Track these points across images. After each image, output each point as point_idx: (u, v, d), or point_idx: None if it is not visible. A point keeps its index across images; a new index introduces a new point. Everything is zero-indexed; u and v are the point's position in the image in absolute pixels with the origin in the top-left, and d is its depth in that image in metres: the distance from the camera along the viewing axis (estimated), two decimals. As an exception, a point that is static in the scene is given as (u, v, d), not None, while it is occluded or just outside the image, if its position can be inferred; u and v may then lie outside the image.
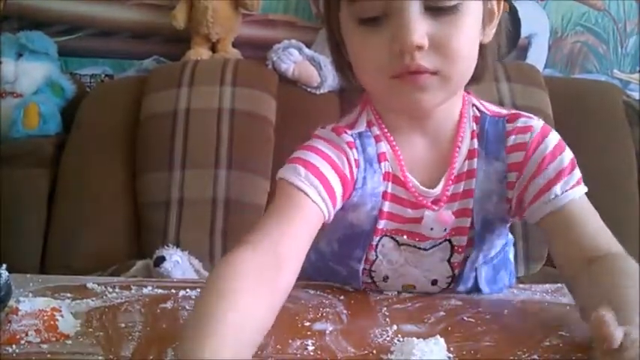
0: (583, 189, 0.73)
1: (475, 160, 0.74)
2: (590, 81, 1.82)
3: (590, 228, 0.70)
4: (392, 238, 0.76)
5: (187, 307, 0.71)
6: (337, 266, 0.81)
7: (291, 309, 0.71)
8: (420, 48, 0.63)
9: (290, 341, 0.62)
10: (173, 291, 0.76)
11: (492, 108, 0.78)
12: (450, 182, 0.73)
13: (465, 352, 0.61)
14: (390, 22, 0.64)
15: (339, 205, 0.72)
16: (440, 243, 0.76)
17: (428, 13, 0.63)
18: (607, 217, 0.71)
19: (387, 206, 0.74)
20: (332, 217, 0.72)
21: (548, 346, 0.62)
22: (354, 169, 0.72)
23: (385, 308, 0.73)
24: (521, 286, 0.83)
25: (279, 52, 1.60)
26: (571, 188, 0.72)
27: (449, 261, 0.77)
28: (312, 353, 0.59)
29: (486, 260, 0.79)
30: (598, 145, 1.55)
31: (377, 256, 0.77)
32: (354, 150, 0.73)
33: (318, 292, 0.77)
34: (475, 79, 0.71)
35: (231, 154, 1.52)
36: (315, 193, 0.69)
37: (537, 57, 1.85)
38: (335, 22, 0.71)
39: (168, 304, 0.72)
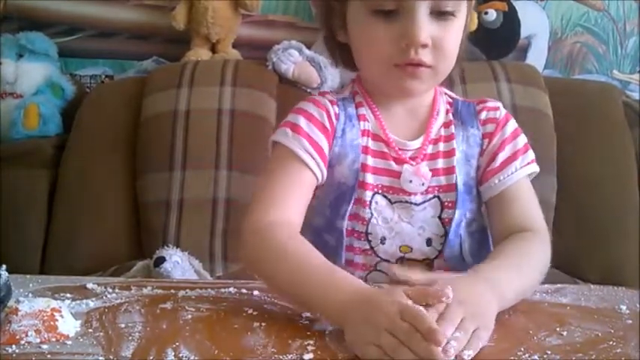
0: (532, 168, 0.85)
1: (452, 127, 0.85)
2: (589, 81, 1.82)
3: (524, 207, 0.83)
4: (384, 196, 0.82)
5: (187, 308, 0.71)
6: (327, 235, 0.84)
7: (291, 309, 0.71)
8: (424, 46, 0.75)
9: (290, 341, 0.62)
10: (173, 291, 0.77)
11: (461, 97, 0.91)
12: (428, 142, 0.83)
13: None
14: (400, 18, 0.75)
15: (327, 158, 0.82)
16: (430, 199, 0.83)
17: (432, 16, 0.75)
18: (607, 217, 0.73)
19: (370, 161, 0.83)
20: (324, 175, 0.82)
21: (549, 346, 0.62)
22: (334, 121, 0.83)
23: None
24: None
25: (279, 53, 1.60)
26: (521, 168, 0.83)
27: (440, 217, 0.83)
28: (312, 353, 0.59)
29: (470, 230, 0.84)
30: (597, 145, 1.55)
31: (372, 214, 0.82)
32: (335, 106, 0.84)
33: (318, 293, 0.77)
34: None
35: (232, 155, 1.52)
36: (303, 151, 0.80)
37: (537, 57, 1.85)
38: (340, 10, 0.81)
39: (168, 305, 0.72)
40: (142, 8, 1.84)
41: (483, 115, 0.86)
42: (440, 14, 0.75)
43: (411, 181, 0.81)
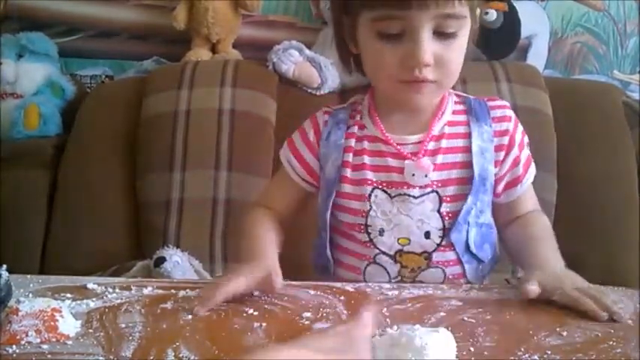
0: (534, 166, 0.94)
1: (460, 126, 0.89)
2: (590, 82, 1.82)
3: (532, 197, 0.94)
4: (384, 191, 0.88)
5: (187, 308, 0.71)
6: (323, 232, 0.93)
7: (291, 309, 0.71)
8: (427, 65, 0.80)
9: (290, 341, 0.62)
10: (173, 291, 0.77)
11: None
12: (429, 139, 0.88)
13: (465, 353, 0.61)
14: (405, 40, 0.80)
15: (311, 166, 0.94)
16: (428, 193, 0.87)
17: (435, 37, 0.80)
18: (607, 217, 0.73)
19: (367, 160, 0.89)
20: (306, 180, 0.94)
21: (549, 346, 0.62)
22: (322, 128, 0.94)
23: (385, 309, 0.73)
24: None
25: (280, 53, 1.60)
26: (531, 170, 0.93)
27: (439, 211, 0.87)
28: (312, 353, 0.59)
29: (478, 223, 0.89)
30: (598, 146, 1.55)
31: (371, 207, 0.88)
32: (326, 115, 0.95)
33: (318, 293, 0.77)
34: None
35: (232, 155, 1.52)
36: (287, 163, 0.95)
37: (537, 57, 1.85)
38: (350, 26, 0.87)
39: (169, 305, 0.72)
40: (142, 8, 1.84)
41: (498, 113, 0.91)
42: (442, 34, 0.80)
43: (413, 175, 0.87)
